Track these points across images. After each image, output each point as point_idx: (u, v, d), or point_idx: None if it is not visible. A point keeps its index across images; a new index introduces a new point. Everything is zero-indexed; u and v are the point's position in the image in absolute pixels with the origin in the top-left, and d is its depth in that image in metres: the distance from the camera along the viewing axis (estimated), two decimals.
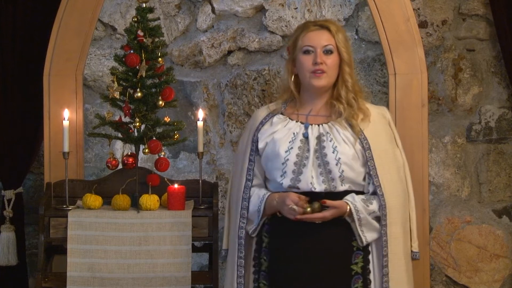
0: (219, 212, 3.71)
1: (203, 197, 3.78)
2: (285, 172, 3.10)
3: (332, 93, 3.18)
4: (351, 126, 3.14)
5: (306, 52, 3.14)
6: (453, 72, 4.41)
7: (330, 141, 3.10)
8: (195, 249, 3.89)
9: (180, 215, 3.62)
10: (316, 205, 3.03)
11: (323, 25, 3.17)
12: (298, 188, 3.09)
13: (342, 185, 3.09)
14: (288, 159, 3.09)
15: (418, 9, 4.35)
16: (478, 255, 4.43)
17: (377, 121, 3.20)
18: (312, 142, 3.11)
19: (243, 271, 3.17)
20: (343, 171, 3.08)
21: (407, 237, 3.20)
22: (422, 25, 4.35)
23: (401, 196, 3.17)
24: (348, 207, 3.06)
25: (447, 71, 4.41)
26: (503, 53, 4.26)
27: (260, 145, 3.18)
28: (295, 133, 3.13)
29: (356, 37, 4.46)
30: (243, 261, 3.18)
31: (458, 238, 4.44)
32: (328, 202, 3.04)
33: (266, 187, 3.20)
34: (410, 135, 3.97)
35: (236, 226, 3.19)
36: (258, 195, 3.16)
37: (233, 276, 3.19)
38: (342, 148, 3.09)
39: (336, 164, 3.07)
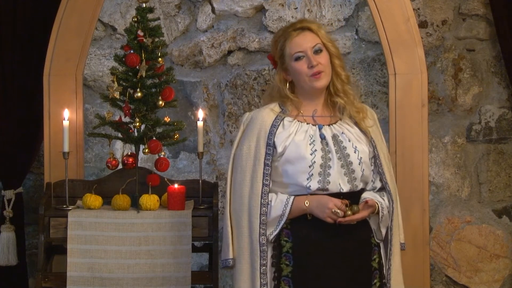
0: (219, 212, 3.71)
1: (203, 197, 3.78)
2: (312, 174, 3.06)
3: (328, 89, 3.18)
4: (357, 124, 3.17)
5: (298, 58, 3.12)
6: (453, 72, 4.41)
7: (349, 141, 3.12)
8: (195, 249, 3.89)
9: (180, 215, 3.62)
10: (356, 207, 3.05)
11: (303, 27, 3.16)
12: (327, 190, 3.07)
13: (360, 184, 3.13)
14: (314, 162, 3.06)
15: (418, 9, 4.35)
16: (478, 255, 4.43)
17: (370, 119, 3.23)
18: (331, 143, 3.11)
19: (267, 279, 3.09)
20: (363, 169, 3.11)
21: (398, 229, 3.26)
22: (422, 25, 4.35)
23: (394, 190, 3.22)
24: (377, 206, 3.10)
25: (447, 71, 4.41)
26: (503, 53, 4.26)
27: (279, 149, 3.10)
28: (311, 135, 3.12)
29: (356, 37, 4.46)
30: (266, 268, 3.09)
31: (458, 238, 4.44)
32: (370, 202, 3.07)
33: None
34: (410, 135, 3.97)
35: (254, 233, 3.09)
36: (280, 200, 3.09)
37: (254, 285, 3.09)
38: (360, 147, 3.13)
39: (359, 164, 3.10)
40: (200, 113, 3.85)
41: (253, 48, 4.47)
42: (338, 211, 3.01)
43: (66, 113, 3.76)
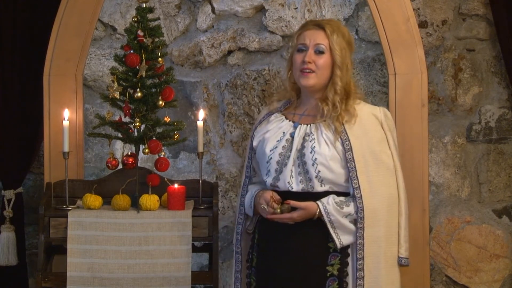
0: (219, 212, 3.71)
1: (203, 197, 3.78)
2: (269, 170, 3.15)
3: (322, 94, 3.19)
4: (335, 127, 3.12)
5: (299, 50, 3.16)
6: (453, 72, 4.41)
7: (311, 141, 3.11)
8: (195, 249, 3.89)
9: (180, 215, 3.62)
10: (286, 206, 3.07)
11: (320, 25, 3.18)
12: (278, 187, 3.12)
13: (321, 186, 3.09)
14: (271, 158, 3.14)
15: (418, 9, 4.35)
16: (478, 255, 4.43)
17: (366, 122, 3.15)
18: (296, 142, 3.13)
19: (240, 266, 3.27)
20: (319, 171, 3.07)
21: (391, 241, 3.12)
22: (422, 25, 4.35)
23: (385, 199, 3.11)
24: (318, 209, 3.06)
25: (447, 71, 4.41)
26: (503, 53, 4.26)
27: (255, 143, 3.24)
28: (284, 133, 3.17)
29: (356, 37, 4.46)
30: (240, 256, 3.27)
31: (458, 238, 4.44)
32: (293, 202, 3.06)
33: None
34: (410, 135, 3.97)
35: (235, 222, 3.29)
36: (251, 191, 3.24)
37: (232, 271, 3.31)
38: (321, 149, 3.08)
39: (313, 165, 3.07)
40: (200, 113, 3.85)
41: (253, 48, 4.47)
42: (265, 206, 3.08)
43: (66, 113, 3.76)
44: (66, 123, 3.74)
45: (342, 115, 3.12)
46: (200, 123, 3.83)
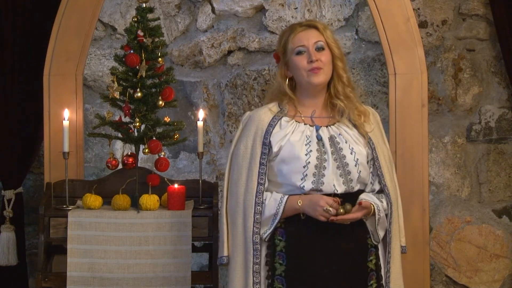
0: (219, 212, 3.71)
1: (203, 197, 3.78)
2: (306, 175, 3.07)
3: (329, 91, 3.19)
4: (356, 126, 3.16)
5: (299, 53, 3.14)
6: (453, 72, 4.41)
7: (346, 142, 3.12)
8: (195, 249, 3.89)
9: (180, 215, 3.62)
10: (348, 206, 3.04)
11: (310, 25, 3.19)
12: (321, 190, 3.08)
13: (356, 185, 3.12)
14: (309, 162, 3.07)
15: (418, 9, 4.35)
16: (478, 255, 4.43)
17: (372, 121, 3.23)
18: (327, 144, 3.11)
19: (259, 277, 3.11)
20: (360, 171, 3.11)
21: (399, 232, 3.25)
22: (422, 25, 4.35)
23: (395, 192, 3.22)
24: (373, 207, 3.09)
25: (447, 71, 4.41)
26: (503, 53, 4.26)
27: (275, 148, 3.11)
28: (308, 136, 3.12)
29: (356, 37, 4.46)
30: (259, 266, 3.11)
31: (458, 238, 4.44)
32: (364, 203, 3.06)
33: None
34: (410, 135, 3.97)
35: (248, 231, 3.11)
36: (274, 199, 3.10)
37: (247, 283, 3.11)
38: (357, 149, 3.12)
39: (355, 165, 3.10)
40: (200, 113, 3.85)
41: (253, 48, 4.47)
42: (330, 209, 3.01)
43: (66, 113, 3.76)
44: (66, 123, 3.74)
45: (359, 114, 3.17)
46: (200, 123, 3.83)
